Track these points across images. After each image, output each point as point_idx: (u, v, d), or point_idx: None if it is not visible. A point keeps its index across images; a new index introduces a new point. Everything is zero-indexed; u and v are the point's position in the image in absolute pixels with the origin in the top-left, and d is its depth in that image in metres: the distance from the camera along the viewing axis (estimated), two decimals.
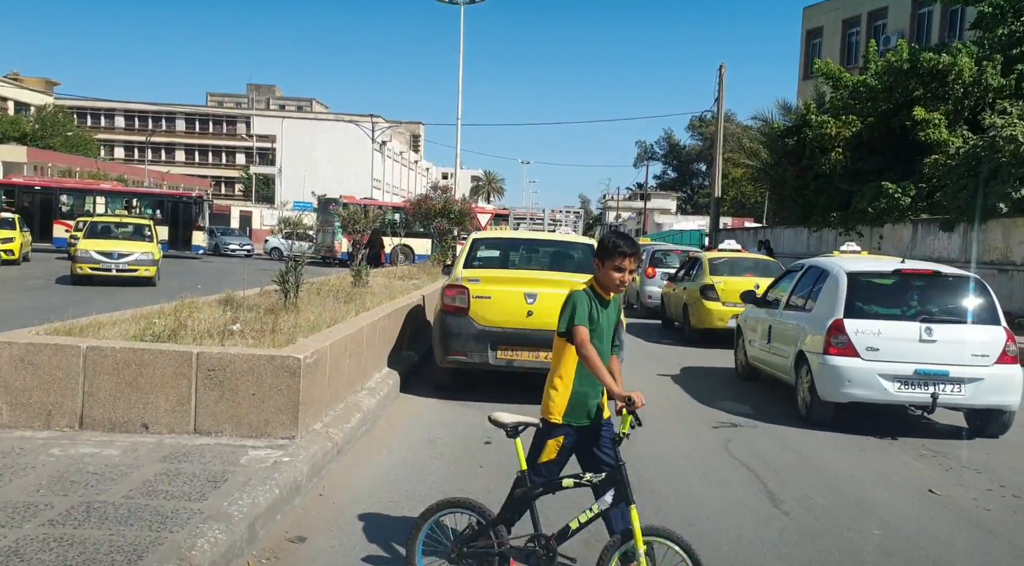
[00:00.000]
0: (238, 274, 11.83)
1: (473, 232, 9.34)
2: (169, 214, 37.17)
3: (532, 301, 8.24)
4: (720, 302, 13.76)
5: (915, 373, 7.50)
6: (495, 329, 8.25)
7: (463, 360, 8.35)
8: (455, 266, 9.14)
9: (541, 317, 8.17)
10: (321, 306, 8.75)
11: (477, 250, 9.42)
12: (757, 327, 10.18)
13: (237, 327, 6.92)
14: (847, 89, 28.21)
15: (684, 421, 7.91)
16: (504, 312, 8.28)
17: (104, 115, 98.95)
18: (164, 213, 37.31)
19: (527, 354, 8.27)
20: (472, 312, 8.33)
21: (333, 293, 10.60)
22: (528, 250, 10.32)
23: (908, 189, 24.05)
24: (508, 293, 8.32)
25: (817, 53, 39.38)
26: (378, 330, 8.07)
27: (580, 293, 3.72)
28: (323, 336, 6.34)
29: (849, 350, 7.65)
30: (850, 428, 7.83)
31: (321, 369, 5.83)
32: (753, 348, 10.28)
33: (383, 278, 15.00)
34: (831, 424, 7.88)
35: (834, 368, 7.68)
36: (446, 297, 8.52)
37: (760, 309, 10.43)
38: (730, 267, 14.75)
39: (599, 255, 3.72)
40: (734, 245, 16.05)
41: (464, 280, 8.47)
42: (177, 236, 36.72)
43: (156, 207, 38.32)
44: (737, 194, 68.29)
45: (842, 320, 7.79)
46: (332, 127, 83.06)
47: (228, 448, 5.10)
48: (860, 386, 7.59)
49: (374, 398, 7.13)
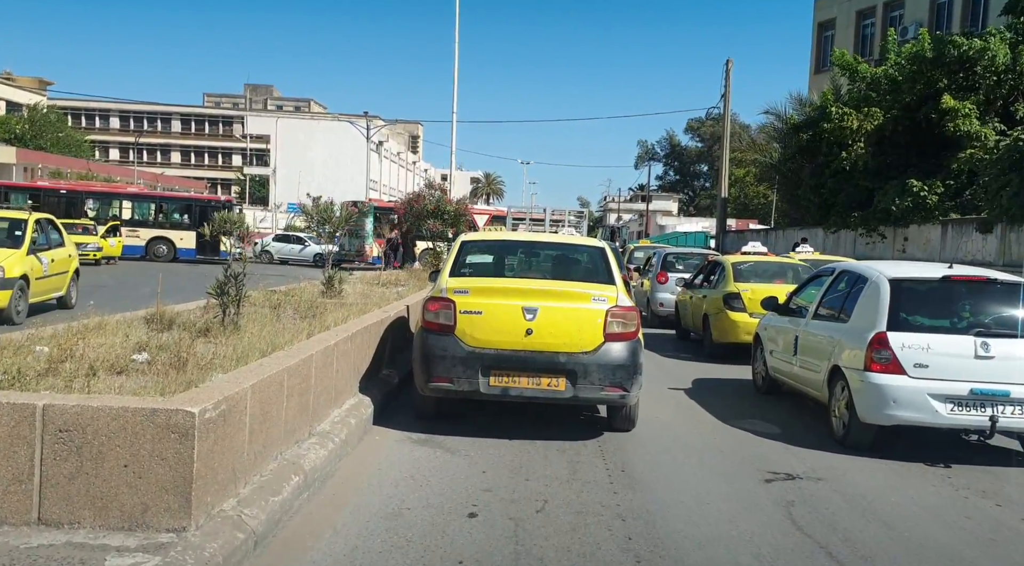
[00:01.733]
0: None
1: (454, 232, 7.52)
2: (197, 219, 35.66)
3: (532, 317, 6.60)
4: (747, 313, 12.07)
5: (971, 393, 6.59)
6: (487, 350, 6.62)
7: (448, 388, 6.70)
8: (440, 274, 7.46)
9: (543, 336, 6.60)
10: (271, 324, 7.08)
11: (466, 255, 7.73)
12: (780, 337, 9.11)
13: (143, 358, 5.24)
14: (865, 81, 26.60)
15: (725, 469, 6.23)
16: (498, 330, 6.64)
17: (99, 116, 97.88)
18: (192, 218, 35.86)
19: (526, 380, 6.61)
20: (459, 330, 6.68)
21: (296, 305, 8.93)
22: (527, 254, 8.63)
23: (935, 187, 22.38)
24: (503, 307, 6.68)
25: (830, 46, 37.74)
26: (340, 353, 6.40)
27: None
28: (246, 373, 4.65)
29: (894, 367, 6.73)
30: (894, 453, 6.86)
31: (236, 422, 4.16)
32: (775, 359, 9.18)
33: (363, 285, 13.31)
34: (871, 448, 6.95)
35: (877, 387, 6.75)
36: (427, 312, 6.87)
37: (783, 317, 9.26)
38: (757, 273, 13.07)
39: None
40: (760, 248, 14.31)
41: (449, 291, 6.82)
42: (204, 242, 35.32)
43: (183, 211, 36.79)
44: (740, 195, 66.94)
45: (885, 333, 6.85)
46: (328, 127, 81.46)
47: (80, 552, 3.42)
48: (907, 407, 6.65)
49: (327, 447, 5.45)
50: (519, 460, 6.08)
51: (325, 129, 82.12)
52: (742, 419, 8.11)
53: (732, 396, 9.58)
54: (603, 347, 6.64)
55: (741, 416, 8.27)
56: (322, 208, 10.29)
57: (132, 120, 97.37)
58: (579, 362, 6.58)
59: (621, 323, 6.72)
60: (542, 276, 7.72)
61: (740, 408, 8.84)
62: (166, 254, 34.77)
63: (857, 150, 25.10)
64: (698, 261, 19.41)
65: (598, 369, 6.58)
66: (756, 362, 9.96)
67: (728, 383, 10.48)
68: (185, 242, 34.90)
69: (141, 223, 35.70)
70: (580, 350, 6.61)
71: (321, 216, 10.23)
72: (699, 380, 10.47)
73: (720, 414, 8.28)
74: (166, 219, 36.26)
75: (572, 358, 6.58)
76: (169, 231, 35.49)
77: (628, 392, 6.69)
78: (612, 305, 6.73)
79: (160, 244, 35.07)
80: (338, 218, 10.34)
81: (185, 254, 34.87)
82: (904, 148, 24.93)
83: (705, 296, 13.24)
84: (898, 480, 6.21)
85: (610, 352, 6.64)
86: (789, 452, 6.87)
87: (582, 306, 6.73)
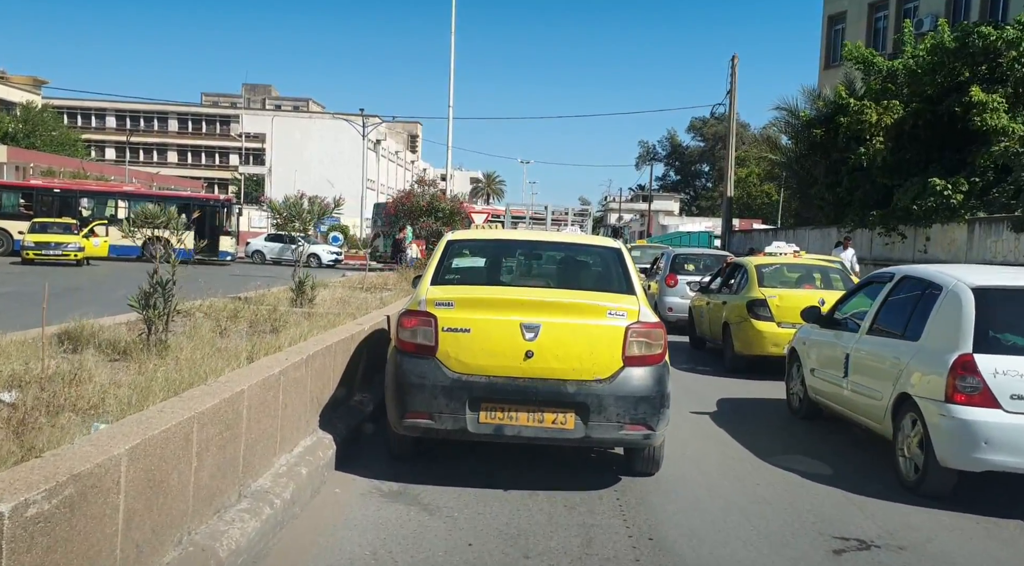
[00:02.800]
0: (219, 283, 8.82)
1: (449, 232, 6.12)
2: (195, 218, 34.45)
3: (533, 335, 5.27)
4: (774, 322, 10.73)
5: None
6: (476, 378, 5.29)
7: (427, 425, 5.36)
8: (420, 281, 6.11)
9: (546, 359, 5.27)
10: (210, 344, 5.74)
11: (452, 258, 6.38)
12: (824, 354, 7.76)
13: (8, 398, 3.90)
14: (881, 74, 25.27)
15: (779, 532, 4.88)
16: (490, 352, 5.31)
17: (95, 115, 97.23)
18: (189, 217, 34.61)
19: (525, 416, 5.27)
20: (441, 352, 5.34)
21: (253, 318, 7.60)
22: (527, 257, 7.20)
23: (959, 184, 21.02)
24: (497, 323, 5.35)
25: (840, 40, 36.39)
26: (291, 383, 5.06)
27: None
28: (129, 427, 3.29)
29: (985, 398, 5.41)
30: (981, 504, 5.54)
31: (96, 509, 2.81)
32: (817, 380, 7.81)
33: (344, 290, 11.97)
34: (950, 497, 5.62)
35: (963, 423, 5.43)
36: (402, 329, 5.54)
37: (826, 330, 7.90)
38: (784, 277, 11.73)
39: None
40: (787, 248, 12.90)
41: (429, 304, 5.47)
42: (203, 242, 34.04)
43: (181, 211, 35.35)
44: (742, 194, 65.84)
45: (972, 356, 5.52)
46: (324, 125, 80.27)
47: None
48: (1004, 450, 5.36)
49: (261, 514, 4.11)
50: (516, 523, 4.73)
51: (321, 127, 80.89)
52: (783, 454, 6.77)
53: (765, 422, 8.26)
54: (622, 374, 5.30)
55: (781, 450, 6.94)
56: (290, 203, 8.95)
57: (128, 119, 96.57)
58: (592, 393, 5.24)
59: (644, 343, 5.38)
60: (545, 284, 6.33)
61: (778, 438, 7.52)
62: (163, 255, 33.56)
63: (875, 145, 23.74)
64: (709, 262, 18.11)
65: (616, 402, 5.24)
66: (792, 381, 8.62)
67: (757, 404, 9.15)
68: (183, 242, 33.76)
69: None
70: (593, 377, 5.28)
71: (290, 212, 8.89)
72: (724, 401, 9.14)
73: (756, 447, 6.94)
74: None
75: (583, 388, 5.25)
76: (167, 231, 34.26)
77: (654, 431, 5.35)
78: (633, 321, 5.39)
79: (157, 244, 33.88)
80: (309, 213, 9.00)
81: (183, 255, 33.65)
82: (924, 143, 23.59)
83: (725, 302, 11.90)
84: (1001, 549, 4.86)
85: (631, 380, 5.30)
86: (852, 504, 5.52)
87: (595, 322, 5.39)
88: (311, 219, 9.02)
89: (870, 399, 6.59)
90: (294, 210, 8.85)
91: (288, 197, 9.14)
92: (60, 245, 28.80)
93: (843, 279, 11.67)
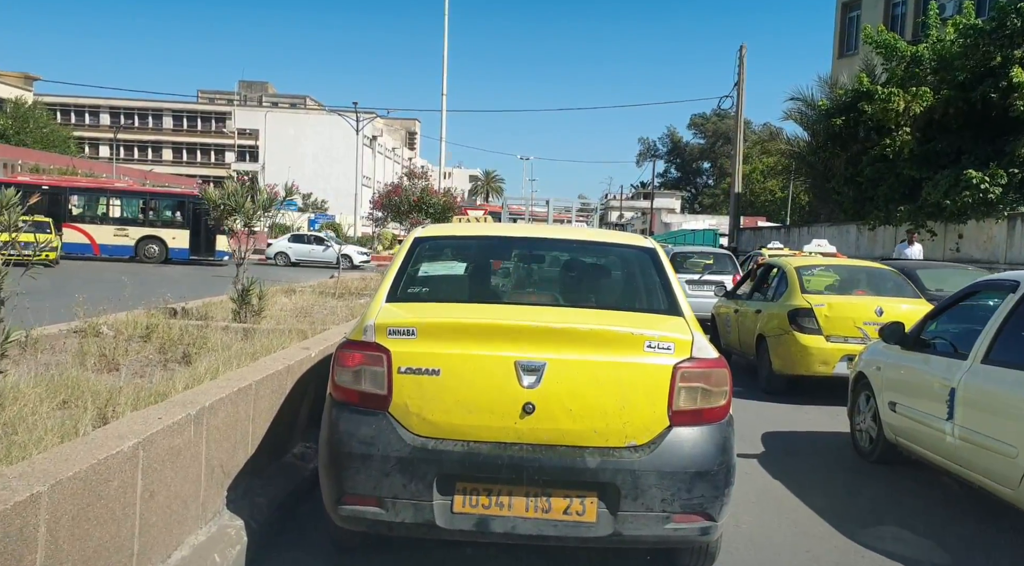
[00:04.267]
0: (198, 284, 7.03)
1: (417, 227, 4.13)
2: (190, 216, 32.77)
3: (534, 380, 3.50)
4: (822, 335, 8.98)
5: None
6: (450, 445, 3.50)
7: (376, 516, 3.52)
8: (374, 297, 4.30)
9: (554, 416, 3.49)
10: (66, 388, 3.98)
11: (421, 262, 4.58)
12: (910, 384, 5.99)
13: None
14: (905, 60, 23.50)
15: None
16: (471, 406, 3.51)
17: (88, 112, 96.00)
18: (184, 215, 33.02)
19: (522, 503, 3.48)
20: (398, 405, 3.55)
21: (169, 337, 5.83)
22: (526, 260, 5.29)
23: (998, 176, 19.25)
24: (480, 361, 3.55)
25: (855, 28, 34.67)
26: (168, 455, 3.32)
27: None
28: None
29: None
30: None
31: None
32: (899, 417, 6.03)
33: (313, 296, 10.20)
34: None
35: None
36: (340, 369, 3.72)
37: (911, 353, 6.09)
38: (830, 281, 9.95)
39: None
40: (827, 247, 11.09)
41: (380, 332, 3.66)
42: (199, 242, 32.49)
43: (176, 208, 33.96)
44: (745, 191, 64.34)
45: None
46: (319, 121, 78.54)
47: None
48: None
49: None
50: None
51: (316, 123, 79.15)
52: (873, 526, 5.02)
53: (830, 469, 6.50)
54: (669, 437, 3.53)
55: (868, 519, 5.19)
56: (228, 191, 7.16)
57: (122, 117, 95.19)
58: (624, 467, 3.47)
59: (702, 391, 3.61)
60: (553, 301, 4.50)
61: (856, 498, 5.75)
62: (157, 255, 32.24)
63: (903, 135, 21.98)
64: (710, 261, 16.56)
65: (660, 480, 3.47)
66: (859, 415, 6.85)
67: (812, 442, 7.40)
68: (178, 241, 32.37)
69: (130, 221, 33.03)
70: (625, 443, 3.51)
71: (228, 203, 7.10)
72: (770, 436, 7.38)
73: (833, 514, 5.18)
74: (157, 217, 33.42)
75: (611, 459, 3.48)
76: (161, 230, 32.81)
77: (714, 521, 3.58)
78: (683, 357, 3.61)
79: (151, 244, 32.50)
80: (254, 205, 7.20)
81: (178, 254, 32.36)
82: (956, 132, 21.84)
83: (760, 311, 10.13)
84: None
85: (682, 446, 3.53)
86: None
87: (628, 359, 3.58)
88: (255, 212, 7.24)
89: (996, 454, 4.82)
90: (232, 201, 7.07)
91: (226, 185, 7.36)
92: (31, 244, 27.65)
93: (899, 284, 9.91)
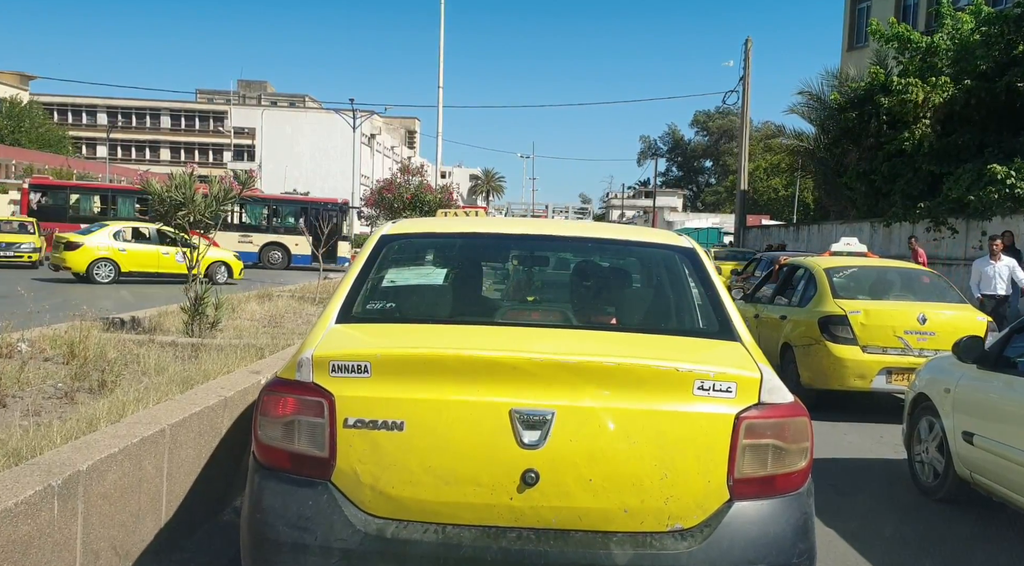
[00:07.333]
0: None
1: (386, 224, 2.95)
2: (312, 223, 32.24)
3: (537, 436, 2.43)
4: (858, 345, 7.94)
5: None
6: (417, 530, 2.45)
7: None
8: (320, 316, 3.22)
9: (566, 488, 2.42)
10: None
11: (388, 268, 3.48)
12: (995, 412, 4.95)
13: None
14: (920, 51, 22.49)
15: None
16: (448, 475, 2.45)
17: (85, 111, 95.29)
18: (308, 223, 32.57)
19: None
20: (344, 472, 2.49)
21: (94, 356, 4.80)
22: (526, 263, 4.08)
23: None
24: (461, 409, 2.46)
25: (864, 20, 33.59)
26: (20, 547, 2.27)
27: None
28: None
29: None
30: None
31: None
32: (978, 451, 4.97)
33: (290, 301, 9.16)
34: None
35: None
36: (265, 420, 2.63)
37: (992, 374, 5.04)
38: (865, 284, 8.90)
39: None
40: (857, 246, 10.02)
41: (320, 367, 2.56)
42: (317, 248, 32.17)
43: (299, 215, 33.87)
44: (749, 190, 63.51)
45: None
46: (316, 120, 77.57)
47: None
48: None
49: None
50: None
51: (313, 122, 78.15)
52: None
53: (888, 510, 5.44)
54: (730, 517, 2.48)
55: None
56: (177, 182, 6.08)
57: (120, 116, 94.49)
58: (666, 563, 2.44)
59: (773, 450, 2.56)
60: (562, 321, 3.37)
61: (924, 548, 4.71)
62: (280, 261, 32.52)
63: (922, 128, 20.94)
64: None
65: None
66: (920, 444, 5.82)
67: (861, 472, 6.35)
68: (300, 248, 31.99)
69: (253, 228, 33.06)
70: (667, 527, 2.46)
71: (174, 196, 6.03)
72: None
73: None
74: (280, 223, 33.50)
75: (648, 552, 2.43)
76: (284, 236, 32.96)
77: None
78: (750, 404, 2.55)
79: (275, 250, 32.77)
80: (203, 200, 6.13)
81: (300, 260, 32.10)
82: (978, 125, 20.83)
83: (784, 317, 9.09)
84: None
85: (748, 531, 2.48)
86: None
87: (670, 406, 2.49)
88: (208, 206, 6.16)
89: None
90: (179, 194, 5.96)
91: (174, 176, 6.28)
92: (12, 245, 27.19)
93: (940, 287, 8.87)
